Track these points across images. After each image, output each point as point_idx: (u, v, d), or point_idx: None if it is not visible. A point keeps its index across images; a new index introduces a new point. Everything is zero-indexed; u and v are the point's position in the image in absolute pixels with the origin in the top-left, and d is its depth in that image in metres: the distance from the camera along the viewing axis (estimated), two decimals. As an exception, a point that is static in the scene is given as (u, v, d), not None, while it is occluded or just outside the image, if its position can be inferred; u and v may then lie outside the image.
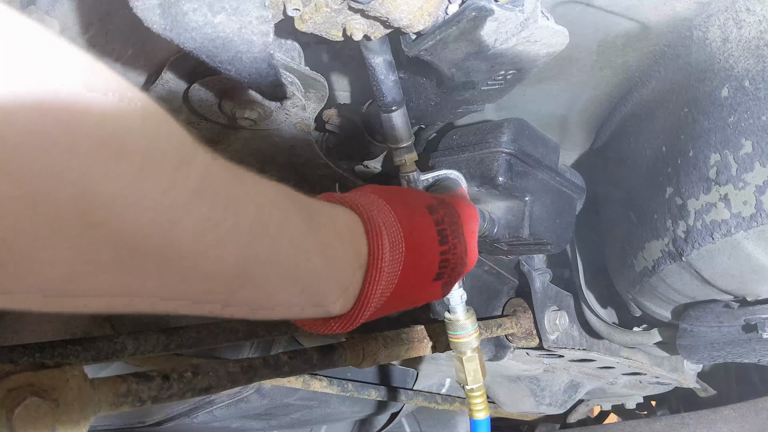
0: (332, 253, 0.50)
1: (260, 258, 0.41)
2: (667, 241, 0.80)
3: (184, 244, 0.34)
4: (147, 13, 0.46)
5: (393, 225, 0.55)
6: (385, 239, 0.54)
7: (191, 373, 0.55)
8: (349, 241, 0.52)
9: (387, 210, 0.56)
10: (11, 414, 0.37)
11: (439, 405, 1.78)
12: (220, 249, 0.36)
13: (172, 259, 0.34)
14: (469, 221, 0.68)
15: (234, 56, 0.51)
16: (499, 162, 0.88)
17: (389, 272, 0.54)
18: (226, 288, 0.39)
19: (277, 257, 0.43)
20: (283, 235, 0.43)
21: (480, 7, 0.59)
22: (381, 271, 0.53)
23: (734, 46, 0.73)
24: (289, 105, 0.74)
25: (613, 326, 1.12)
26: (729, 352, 0.93)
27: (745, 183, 0.70)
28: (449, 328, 0.82)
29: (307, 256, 0.46)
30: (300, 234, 0.45)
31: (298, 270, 0.46)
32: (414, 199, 0.63)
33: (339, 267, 0.51)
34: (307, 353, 0.72)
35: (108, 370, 1.31)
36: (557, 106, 1.00)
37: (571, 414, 1.95)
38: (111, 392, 0.47)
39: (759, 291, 0.81)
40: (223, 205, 0.36)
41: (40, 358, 0.90)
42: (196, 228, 0.34)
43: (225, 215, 0.36)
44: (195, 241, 0.34)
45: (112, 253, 0.30)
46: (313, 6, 0.61)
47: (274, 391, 1.51)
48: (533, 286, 1.10)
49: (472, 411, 0.82)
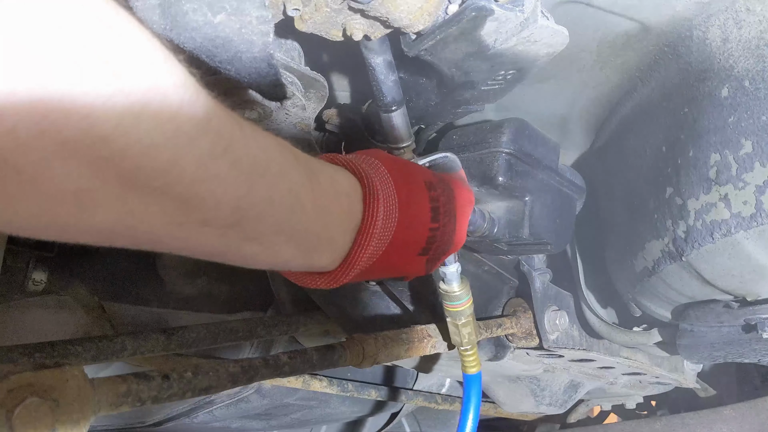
0: (327, 212, 0.51)
1: (256, 198, 0.42)
2: (667, 241, 0.80)
3: (186, 171, 0.35)
4: (147, 13, 0.46)
5: (390, 194, 0.57)
6: (381, 207, 0.55)
7: (191, 373, 0.55)
8: (347, 203, 0.54)
9: (387, 179, 0.58)
10: (11, 414, 0.37)
11: (439, 405, 1.78)
12: (219, 182, 0.38)
13: (173, 186, 0.35)
14: (464, 204, 0.70)
15: (234, 56, 0.51)
16: (499, 162, 0.88)
17: (379, 239, 0.55)
18: (221, 222, 0.40)
19: (273, 202, 0.44)
20: (281, 182, 0.45)
21: (480, 7, 0.59)
22: (371, 237, 0.55)
23: (734, 46, 0.73)
24: (289, 105, 0.74)
25: (613, 326, 1.12)
26: (729, 352, 0.93)
27: (745, 183, 0.70)
28: (445, 299, 0.86)
29: (303, 209, 0.48)
30: (298, 186, 0.47)
31: (292, 220, 0.47)
32: (415, 173, 0.64)
33: (332, 226, 0.52)
34: (307, 353, 0.72)
35: (108, 370, 1.31)
36: (557, 106, 1.00)
37: (571, 414, 1.94)
38: (111, 392, 0.47)
39: (759, 291, 0.81)
40: (225, 142, 0.37)
41: (40, 358, 0.90)
42: (198, 158, 0.35)
43: (226, 151, 0.38)
44: (196, 170, 0.36)
45: (117, 170, 0.32)
46: (313, 6, 0.61)
47: (274, 391, 1.51)
48: (533, 286, 1.10)
49: (466, 367, 0.90)
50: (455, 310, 0.86)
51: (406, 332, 0.89)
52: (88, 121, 0.29)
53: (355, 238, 0.55)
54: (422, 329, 0.92)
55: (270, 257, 0.49)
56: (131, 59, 0.30)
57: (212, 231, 0.41)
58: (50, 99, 0.27)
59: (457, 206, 0.67)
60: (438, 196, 0.64)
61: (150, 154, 0.32)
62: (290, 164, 0.46)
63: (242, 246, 0.45)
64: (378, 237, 0.55)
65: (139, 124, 0.31)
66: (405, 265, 0.63)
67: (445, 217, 0.64)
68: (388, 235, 0.56)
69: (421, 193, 0.62)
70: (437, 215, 0.63)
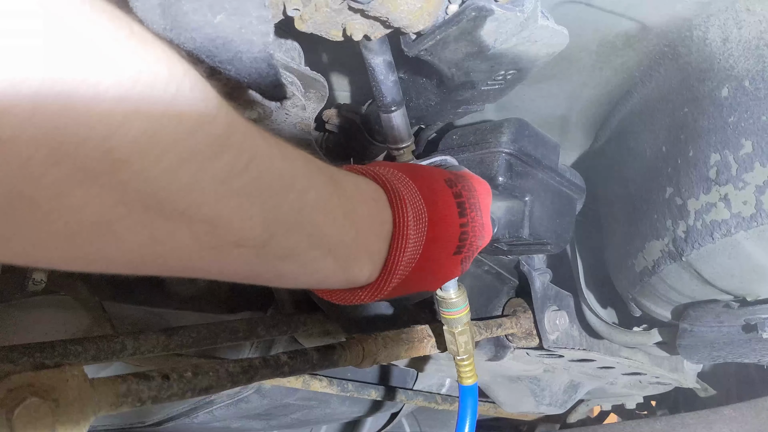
0: (358, 219, 0.50)
1: (286, 211, 0.41)
2: (667, 241, 0.80)
3: (208, 190, 0.33)
4: (147, 13, 0.46)
5: (415, 196, 0.56)
6: (409, 209, 0.54)
7: (191, 373, 0.55)
8: (375, 208, 0.53)
9: (408, 182, 0.57)
10: (11, 414, 0.37)
11: (439, 405, 1.78)
12: (244, 199, 0.36)
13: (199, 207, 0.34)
14: (485, 195, 0.68)
15: (234, 56, 0.51)
16: (499, 162, 0.88)
17: (414, 241, 0.54)
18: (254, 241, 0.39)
19: (303, 216, 0.43)
20: (308, 193, 0.43)
21: (480, 7, 0.59)
22: (407, 239, 0.53)
23: (734, 46, 0.73)
24: (289, 105, 0.74)
25: (613, 326, 1.12)
26: (729, 352, 0.93)
27: (745, 183, 0.70)
28: (441, 305, 0.85)
29: (334, 219, 0.46)
30: (326, 195, 0.45)
31: (325, 233, 0.46)
32: (432, 173, 0.63)
33: (365, 233, 0.51)
34: (307, 353, 0.72)
35: (108, 370, 1.31)
36: (557, 106, 1.00)
37: (571, 414, 1.95)
38: (111, 392, 0.47)
39: (759, 291, 0.81)
40: (247, 156, 0.36)
41: (40, 358, 0.90)
42: (220, 175, 0.34)
43: (249, 166, 0.36)
44: (219, 188, 0.34)
45: (139, 195, 0.30)
46: (313, 6, 0.61)
47: (274, 391, 1.51)
48: (533, 286, 1.10)
49: (462, 377, 0.87)
50: (452, 317, 0.84)
51: (406, 332, 0.89)
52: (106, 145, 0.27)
53: (390, 244, 0.53)
54: (422, 329, 0.92)
55: (309, 274, 0.48)
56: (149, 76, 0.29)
57: (247, 252, 0.40)
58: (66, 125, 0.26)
59: (480, 199, 0.66)
60: (460, 191, 0.62)
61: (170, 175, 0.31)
62: (315, 174, 0.45)
63: (279, 265, 0.44)
64: (413, 240, 0.54)
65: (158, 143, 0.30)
66: (441, 268, 0.61)
67: (471, 211, 0.62)
68: (421, 236, 0.55)
69: (443, 190, 0.61)
70: (464, 210, 0.61)
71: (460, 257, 0.63)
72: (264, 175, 0.38)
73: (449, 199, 0.60)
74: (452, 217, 0.60)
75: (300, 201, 0.42)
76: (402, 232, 0.53)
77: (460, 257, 0.62)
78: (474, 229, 0.63)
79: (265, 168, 0.38)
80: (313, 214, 0.44)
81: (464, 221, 0.61)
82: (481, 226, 0.64)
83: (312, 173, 0.45)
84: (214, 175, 0.34)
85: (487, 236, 0.68)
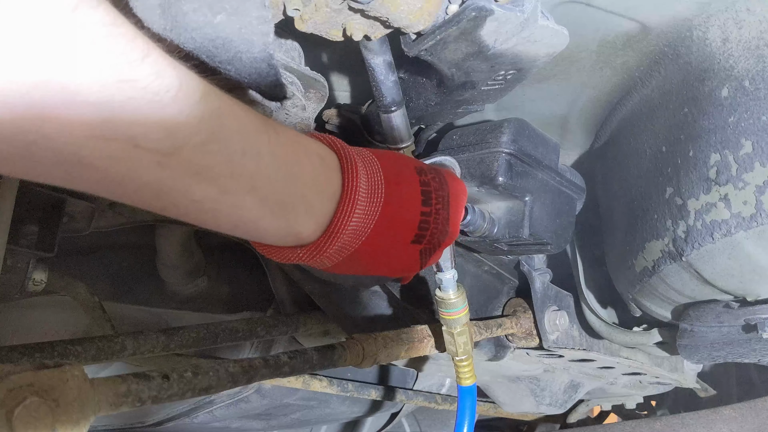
0: (297, 171, 0.48)
1: (195, 122, 0.38)
2: (667, 241, 0.80)
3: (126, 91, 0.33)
4: (147, 13, 0.46)
5: (375, 170, 0.55)
6: (363, 178, 0.53)
7: (191, 373, 0.55)
8: (321, 166, 0.51)
9: (372, 158, 0.56)
10: (11, 414, 0.37)
11: (439, 405, 1.78)
12: (139, 87, 0.34)
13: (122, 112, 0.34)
14: (458, 194, 0.67)
15: (234, 56, 0.51)
16: (499, 162, 0.88)
17: (364, 210, 0.53)
18: (154, 143, 0.37)
19: (217, 135, 0.40)
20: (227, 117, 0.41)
21: (480, 7, 0.59)
22: (354, 204, 0.52)
23: (734, 46, 0.73)
24: (289, 105, 0.74)
25: (613, 326, 1.12)
26: (729, 352, 0.93)
27: (745, 183, 0.70)
28: (441, 306, 0.85)
29: (257, 153, 0.44)
30: (248, 126, 0.43)
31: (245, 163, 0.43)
32: (405, 160, 0.62)
33: (302, 184, 0.49)
34: (307, 353, 0.72)
35: (108, 370, 1.31)
36: (557, 106, 1.00)
37: (571, 414, 1.95)
38: (111, 392, 0.47)
39: (759, 291, 0.81)
40: (142, 51, 0.35)
41: (40, 358, 0.90)
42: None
43: (147, 55, 0.35)
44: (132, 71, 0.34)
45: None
46: (313, 6, 0.61)
47: (274, 391, 1.51)
48: (533, 286, 1.10)
49: (460, 378, 0.87)
50: (451, 318, 0.85)
51: (406, 332, 0.89)
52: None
53: (336, 206, 0.52)
54: (422, 329, 0.92)
55: (233, 210, 0.44)
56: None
57: (146, 155, 0.36)
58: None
59: (451, 195, 0.65)
60: (429, 180, 0.61)
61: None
62: (239, 105, 0.42)
63: (192, 186, 0.40)
64: (363, 208, 0.53)
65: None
66: (398, 254, 0.60)
67: (437, 204, 0.61)
68: (375, 209, 0.54)
69: (411, 175, 0.60)
70: (429, 199, 0.60)
71: (419, 248, 0.61)
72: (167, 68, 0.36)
73: (414, 185, 0.59)
74: (413, 201, 0.59)
75: (215, 118, 0.39)
76: (350, 196, 0.52)
77: (419, 247, 0.61)
78: (437, 221, 0.61)
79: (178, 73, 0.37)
80: (231, 138, 0.41)
81: (427, 210, 0.60)
82: (446, 221, 0.63)
83: (235, 103, 0.42)
84: (141, 75, 0.34)
85: (454, 233, 0.66)
